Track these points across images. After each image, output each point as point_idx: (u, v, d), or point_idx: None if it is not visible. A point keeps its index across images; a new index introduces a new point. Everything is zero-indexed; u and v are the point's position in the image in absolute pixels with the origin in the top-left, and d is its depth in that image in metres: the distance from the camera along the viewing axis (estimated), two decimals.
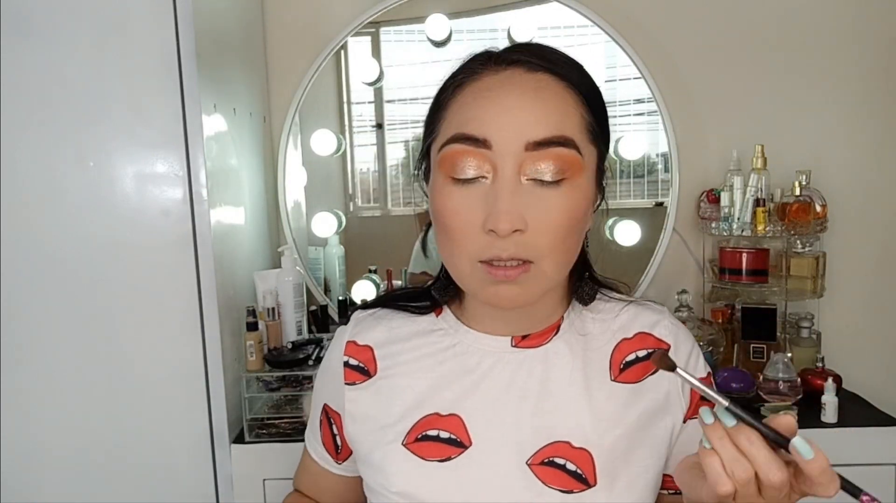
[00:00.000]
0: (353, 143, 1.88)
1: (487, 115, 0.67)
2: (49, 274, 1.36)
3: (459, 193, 0.69)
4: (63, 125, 1.33)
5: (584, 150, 0.69)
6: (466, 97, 0.70)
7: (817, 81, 1.79)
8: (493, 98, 0.68)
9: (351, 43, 1.82)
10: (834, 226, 1.72)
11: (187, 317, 1.37)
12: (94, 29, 1.31)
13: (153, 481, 1.40)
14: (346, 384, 0.83)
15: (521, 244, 0.67)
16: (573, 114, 0.69)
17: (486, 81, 0.69)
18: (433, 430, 0.77)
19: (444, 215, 0.70)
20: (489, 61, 0.71)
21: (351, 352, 0.84)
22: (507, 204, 0.66)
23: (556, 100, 0.68)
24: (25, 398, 1.38)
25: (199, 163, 1.34)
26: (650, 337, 0.80)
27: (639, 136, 1.80)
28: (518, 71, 0.69)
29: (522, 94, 0.67)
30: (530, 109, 0.67)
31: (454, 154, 0.68)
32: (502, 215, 0.65)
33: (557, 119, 0.67)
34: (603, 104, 0.74)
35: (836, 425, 1.44)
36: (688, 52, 1.79)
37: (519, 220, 0.66)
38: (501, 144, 0.67)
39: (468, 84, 0.70)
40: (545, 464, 0.74)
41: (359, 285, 1.81)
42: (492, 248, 0.67)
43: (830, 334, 1.76)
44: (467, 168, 0.68)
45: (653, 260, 1.79)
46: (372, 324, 0.85)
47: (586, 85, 0.71)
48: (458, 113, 0.70)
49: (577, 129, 0.69)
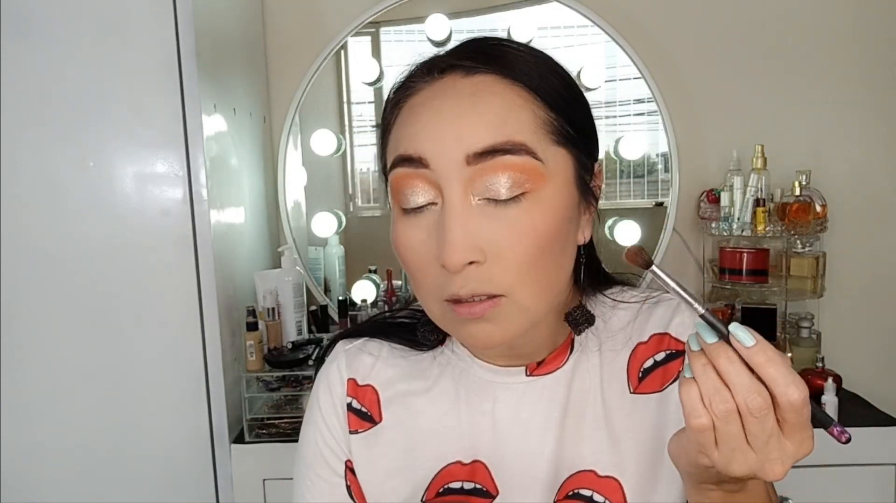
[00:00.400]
0: (353, 143, 1.88)
1: (420, 130, 0.59)
2: (49, 274, 1.36)
3: (411, 224, 0.60)
4: (63, 125, 1.33)
5: (547, 154, 0.58)
6: (403, 115, 0.61)
7: (817, 81, 1.79)
8: (426, 110, 0.59)
9: (351, 43, 1.82)
10: (834, 226, 1.72)
11: (187, 317, 1.37)
12: (94, 29, 1.31)
13: (153, 481, 1.40)
14: (351, 432, 0.73)
15: (480, 278, 0.57)
16: (522, 114, 0.58)
17: (422, 94, 0.61)
18: (456, 482, 0.69)
19: (400, 251, 0.62)
20: (426, 71, 0.62)
21: (353, 393, 0.73)
22: (456, 233, 0.56)
23: (497, 101, 0.58)
24: (25, 398, 1.38)
25: (199, 163, 1.34)
26: (666, 337, 0.70)
27: (639, 136, 1.80)
28: (454, 77, 0.60)
29: (457, 101, 0.58)
30: (466, 116, 0.57)
31: (396, 180, 0.60)
32: (449, 247, 0.56)
33: (500, 122, 0.57)
34: (576, 97, 0.63)
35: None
36: (688, 52, 1.79)
37: (472, 251, 0.56)
38: (439, 160, 0.57)
39: (405, 101, 0.62)
40: (570, 497, 0.67)
41: (359, 285, 1.81)
42: (450, 286, 0.58)
43: (830, 334, 1.76)
44: (412, 195, 0.59)
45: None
46: (369, 360, 0.74)
47: (544, 78, 0.60)
48: (395, 134, 0.62)
49: (530, 129, 0.58)
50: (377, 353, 0.75)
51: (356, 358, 0.75)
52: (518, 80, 0.59)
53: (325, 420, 0.74)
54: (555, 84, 0.61)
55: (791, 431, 0.49)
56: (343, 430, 0.73)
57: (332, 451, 0.73)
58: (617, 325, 0.71)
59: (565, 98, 0.61)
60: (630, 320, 0.72)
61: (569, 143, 0.61)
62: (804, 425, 0.49)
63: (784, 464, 0.50)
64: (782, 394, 0.47)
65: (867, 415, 1.51)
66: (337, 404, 0.74)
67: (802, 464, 1.61)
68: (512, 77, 0.59)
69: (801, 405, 0.48)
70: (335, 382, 0.74)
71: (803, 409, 0.48)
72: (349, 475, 0.73)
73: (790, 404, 0.47)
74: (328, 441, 0.73)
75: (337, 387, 0.74)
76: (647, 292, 0.74)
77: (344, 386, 0.73)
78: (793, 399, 0.47)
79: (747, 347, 0.48)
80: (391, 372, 0.74)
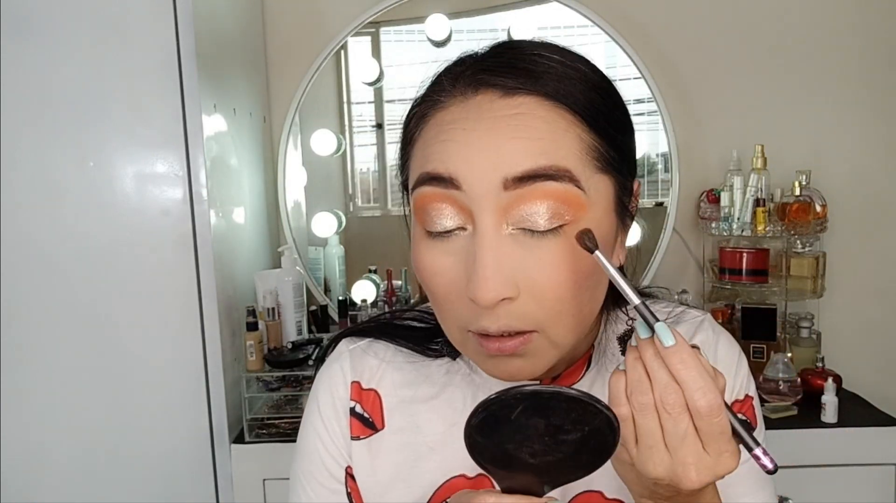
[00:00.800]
0: (353, 143, 1.88)
1: (452, 149, 0.53)
2: (49, 274, 1.36)
3: (437, 250, 0.55)
4: (63, 125, 1.33)
5: (589, 183, 0.54)
6: (430, 130, 0.56)
7: (817, 81, 1.79)
8: (458, 129, 0.54)
9: (351, 43, 1.82)
10: (834, 226, 1.72)
11: (187, 317, 1.37)
12: (94, 29, 1.31)
13: (153, 481, 1.40)
14: (353, 439, 0.69)
15: (513, 314, 0.53)
16: (567, 138, 0.53)
17: (452, 112, 0.55)
18: None
19: (424, 275, 0.57)
20: (456, 84, 0.56)
21: (357, 397, 0.69)
22: (489, 268, 0.52)
23: (540, 124, 0.53)
24: (26, 398, 1.38)
25: (199, 163, 1.34)
26: None
27: (639, 136, 1.79)
28: (490, 97, 0.54)
29: (494, 123, 0.53)
30: (506, 139, 0.52)
31: (423, 199, 0.55)
32: (481, 283, 0.51)
33: (543, 146, 0.52)
34: (622, 115, 0.58)
35: (836, 425, 1.44)
36: (688, 52, 1.79)
37: (506, 287, 0.52)
38: (473, 183, 0.52)
39: (432, 115, 0.56)
40: None
41: (359, 285, 1.81)
42: (479, 320, 0.54)
43: (830, 334, 1.76)
44: (440, 218, 0.54)
45: (653, 260, 1.79)
46: (374, 363, 0.70)
47: (590, 98, 0.55)
48: (422, 149, 0.57)
49: (575, 156, 0.53)
50: (382, 356, 0.71)
51: (361, 359, 0.71)
52: (563, 102, 0.53)
53: (325, 424, 0.70)
54: (601, 104, 0.55)
55: (707, 441, 0.48)
56: (344, 436, 0.69)
57: (332, 458, 0.70)
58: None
59: (611, 119, 0.56)
60: None
61: (612, 169, 0.56)
62: (718, 437, 0.48)
63: (700, 473, 0.48)
64: (690, 399, 0.47)
65: (867, 415, 1.51)
66: (339, 407, 0.70)
67: (802, 465, 1.61)
68: (556, 99, 0.53)
69: (707, 413, 0.47)
70: (338, 384, 0.70)
71: (713, 419, 0.47)
72: (349, 481, 0.70)
73: (697, 410, 0.47)
74: (328, 447, 0.70)
75: (340, 390, 0.70)
76: (673, 306, 0.71)
77: (347, 388, 0.69)
78: (699, 405, 0.47)
79: (665, 347, 0.48)
80: (397, 376, 0.70)
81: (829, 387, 1.45)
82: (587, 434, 0.46)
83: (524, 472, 0.48)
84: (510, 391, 0.45)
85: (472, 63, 0.57)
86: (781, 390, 1.50)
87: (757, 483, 0.67)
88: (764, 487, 0.67)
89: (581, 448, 0.46)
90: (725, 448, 0.48)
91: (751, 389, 0.68)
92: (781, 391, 1.50)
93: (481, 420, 0.46)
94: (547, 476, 0.48)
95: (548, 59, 0.55)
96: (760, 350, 1.65)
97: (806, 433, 1.43)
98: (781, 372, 1.51)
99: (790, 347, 1.67)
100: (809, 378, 1.55)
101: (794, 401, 1.50)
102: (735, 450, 0.49)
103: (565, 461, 0.47)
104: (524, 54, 0.55)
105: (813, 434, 1.43)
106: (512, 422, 0.45)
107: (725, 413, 0.48)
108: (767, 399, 1.51)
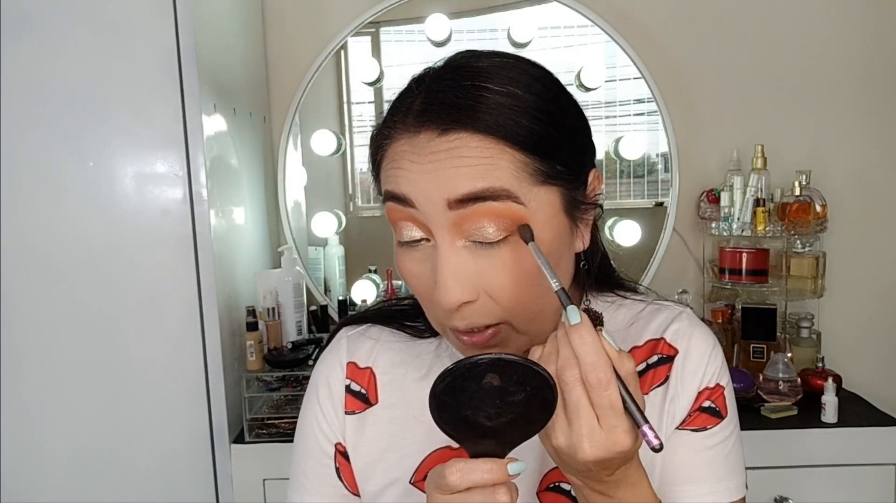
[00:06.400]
0: (353, 143, 1.88)
1: (403, 175, 0.60)
2: (49, 274, 1.36)
3: (410, 257, 0.63)
4: (63, 125, 1.33)
5: (529, 196, 0.58)
6: (387, 157, 0.62)
7: (817, 81, 1.79)
8: (406, 161, 0.60)
9: (351, 43, 1.82)
10: (834, 226, 1.72)
11: (187, 317, 1.37)
12: (94, 29, 1.31)
13: (153, 481, 1.40)
14: (346, 413, 0.75)
15: (476, 313, 0.60)
16: (502, 162, 0.57)
17: (401, 144, 0.60)
18: None
19: (404, 277, 0.65)
20: (405, 119, 0.61)
21: (352, 376, 0.76)
22: (448, 278, 0.58)
23: (475, 153, 0.57)
24: (26, 398, 1.38)
25: (199, 163, 1.34)
26: (661, 342, 0.71)
27: (639, 136, 1.80)
28: (429, 135, 0.58)
29: (433, 157, 0.58)
30: (445, 170, 0.57)
31: (391, 212, 0.62)
32: (442, 291, 0.58)
33: (479, 171, 0.57)
34: (560, 128, 0.61)
35: (836, 425, 1.44)
36: (688, 52, 1.79)
37: (464, 292, 0.59)
38: (423, 203, 0.59)
39: (388, 145, 0.62)
40: (551, 489, 0.69)
41: (359, 285, 1.81)
42: (450, 319, 0.61)
43: (830, 334, 1.76)
44: (405, 230, 0.61)
45: (653, 260, 1.79)
46: (369, 344, 0.77)
47: (520, 124, 0.58)
48: (384, 170, 0.63)
49: (511, 175, 0.57)
50: (377, 338, 0.77)
51: (357, 342, 0.77)
52: (492, 133, 0.57)
53: (320, 404, 0.76)
54: (535, 127, 0.59)
55: (600, 414, 0.53)
56: (337, 414, 0.75)
57: (324, 434, 0.76)
58: (614, 328, 0.72)
59: (547, 138, 0.59)
60: (629, 323, 0.73)
61: (553, 179, 0.60)
62: (608, 410, 0.52)
63: (593, 445, 0.53)
64: (583, 372, 0.52)
65: (867, 415, 1.51)
66: (334, 387, 0.76)
67: (802, 465, 1.61)
68: (488, 132, 0.57)
69: (596, 385, 0.52)
70: (334, 365, 0.76)
71: (602, 392, 0.52)
72: (339, 458, 0.75)
73: (589, 383, 0.52)
74: (321, 424, 0.76)
75: (336, 370, 0.76)
76: (651, 297, 0.75)
77: (343, 369, 0.76)
78: (590, 378, 0.52)
79: (570, 324, 0.53)
80: (391, 356, 0.76)
81: (829, 387, 1.46)
82: (530, 393, 0.52)
83: (485, 437, 0.54)
84: (458, 364, 0.51)
85: (419, 94, 0.61)
86: (781, 390, 1.50)
87: (724, 469, 0.69)
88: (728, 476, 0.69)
89: (528, 406, 0.52)
90: (617, 423, 0.52)
91: (723, 380, 0.72)
92: (781, 391, 1.50)
93: (440, 393, 0.52)
94: (504, 436, 0.54)
95: (484, 89, 0.59)
96: (760, 350, 1.65)
97: (806, 433, 1.43)
98: (781, 372, 1.51)
99: (790, 347, 1.68)
100: (809, 378, 1.55)
101: (794, 401, 1.50)
102: (629, 428, 0.53)
103: (517, 421, 0.53)
104: (460, 88, 0.59)
105: (813, 434, 1.43)
106: (465, 391, 0.52)
107: (618, 389, 0.52)
108: (767, 399, 1.51)
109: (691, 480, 0.68)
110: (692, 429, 0.69)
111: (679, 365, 0.70)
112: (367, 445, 0.74)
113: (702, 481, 0.68)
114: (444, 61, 0.64)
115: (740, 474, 0.70)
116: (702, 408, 0.69)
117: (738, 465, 0.70)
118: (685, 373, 0.69)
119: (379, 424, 0.74)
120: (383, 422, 0.74)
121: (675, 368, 0.70)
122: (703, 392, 0.69)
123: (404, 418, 0.73)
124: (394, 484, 0.72)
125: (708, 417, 0.69)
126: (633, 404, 0.52)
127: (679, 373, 0.70)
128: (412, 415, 0.73)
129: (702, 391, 0.69)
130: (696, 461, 0.68)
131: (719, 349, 0.72)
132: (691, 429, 0.69)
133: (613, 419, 0.52)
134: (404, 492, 0.71)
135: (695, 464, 0.68)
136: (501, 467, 0.53)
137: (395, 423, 0.73)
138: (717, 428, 0.69)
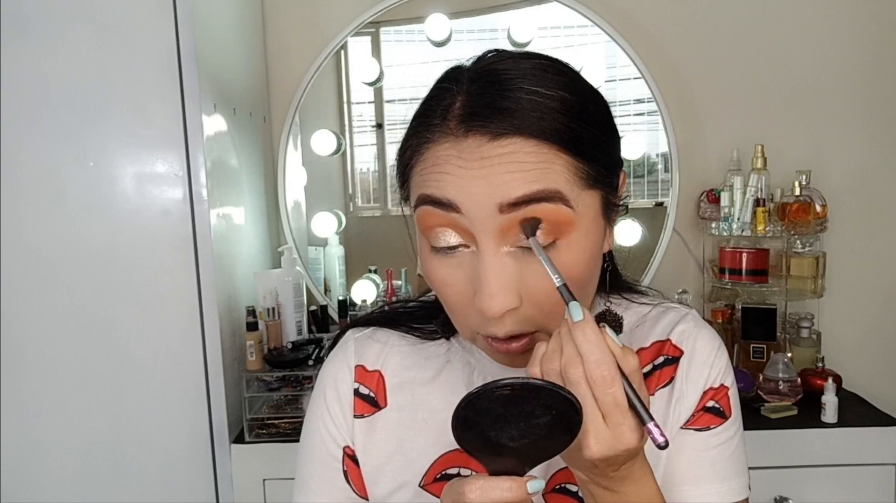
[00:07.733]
0: (353, 143, 1.88)
1: (450, 179, 0.58)
2: (49, 274, 1.36)
3: (445, 264, 0.61)
4: (63, 125, 1.33)
5: (579, 201, 0.58)
6: (427, 161, 0.60)
7: (817, 81, 1.79)
8: (453, 165, 0.58)
9: (351, 43, 1.82)
10: (834, 226, 1.72)
11: (187, 317, 1.37)
12: (94, 29, 1.31)
13: (153, 481, 1.40)
14: (355, 416, 0.74)
15: (518, 320, 0.60)
16: (556, 165, 0.57)
17: (445, 148, 0.58)
18: (453, 468, 0.71)
19: (435, 285, 0.63)
20: (446, 120, 0.59)
21: (361, 379, 0.75)
22: (493, 285, 0.57)
23: (528, 158, 0.57)
24: (26, 398, 1.38)
25: (199, 163, 1.34)
26: (667, 343, 0.72)
27: (639, 136, 1.80)
28: (478, 139, 0.57)
29: (487, 163, 0.56)
30: (497, 174, 0.56)
31: (426, 217, 0.60)
32: (487, 299, 0.57)
33: (535, 175, 0.56)
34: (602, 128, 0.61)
35: (836, 425, 1.44)
36: (688, 52, 1.79)
37: (510, 299, 0.58)
38: (471, 208, 0.57)
39: (427, 149, 0.60)
40: (557, 490, 0.70)
41: (359, 285, 1.81)
42: (488, 326, 0.60)
43: (830, 334, 1.76)
44: (443, 237, 0.59)
45: (653, 260, 1.79)
46: (377, 347, 0.76)
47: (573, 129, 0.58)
48: (420, 174, 0.60)
49: (564, 179, 0.57)
50: (386, 341, 0.76)
51: (365, 345, 0.76)
52: (546, 139, 0.57)
53: (328, 407, 0.75)
54: (581, 129, 0.58)
55: (605, 412, 0.52)
56: (346, 417, 0.74)
57: (331, 437, 0.75)
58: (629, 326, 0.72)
59: (593, 139, 0.59)
60: (636, 324, 0.73)
61: (597, 182, 0.60)
62: (613, 408, 0.52)
63: (599, 442, 0.52)
64: (587, 370, 0.52)
65: (867, 415, 1.51)
66: (342, 391, 0.75)
67: (802, 465, 1.61)
68: (540, 137, 0.56)
69: (601, 383, 0.52)
70: (342, 368, 0.76)
71: (606, 390, 0.52)
72: (347, 461, 0.75)
73: (593, 380, 0.52)
74: (329, 427, 0.75)
75: (344, 374, 0.75)
76: (659, 300, 0.76)
77: (351, 372, 0.75)
78: (594, 375, 0.51)
79: (573, 321, 0.53)
80: (399, 359, 0.75)
81: (829, 387, 1.46)
82: (555, 416, 0.51)
83: (506, 456, 0.53)
84: (486, 387, 0.50)
85: (458, 96, 0.59)
86: (781, 390, 1.50)
87: (727, 470, 0.69)
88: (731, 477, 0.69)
89: (552, 429, 0.52)
90: (622, 421, 0.52)
91: (727, 380, 0.71)
92: (781, 391, 1.50)
93: (465, 414, 0.51)
94: (526, 457, 0.53)
95: (528, 91, 0.57)
96: (760, 350, 1.65)
97: (806, 433, 1.43)
98: (781, 372, 1.51)
99: (790, 347, 1.68)
100: (809, 378, 1.55)
101: (794, 401, 1.50)
102: (634, 426, 0.52)
103: (540, 442, 0.52)
104: (507, 90, 0.58)
105: (813, 434, 1.43)
106: (491, 413, 0.51)
107: (622, 387, 0.52)
108: (767, 399, 1.51)
109: (694, 480, 0.68)
110: (696, 428, 0.69)
111: (684, 365, 0.70)
112: (377, 449, 0.73)
113: (705, 481, 0.68)
114: (477, 60, 0.62)
115: (743, 475, 0.70)
116: (706, 408, 0.70)
117: (741, 466, 0.70)
118: (690, 373, 0.70)
119: (388, 428, 0.73)
120: (392, 425, 0.73)
121: (681, 369, 0.70)
122: (707, 392, 0.70)
123: (413, 421, 0.73)
124: (403, 487, 0.72)
125: (712, 417, 0.69)
126: (637, 401, 0.52)
127: (684, 373, 0.70)
128: (421, 419, 0.73)
129: (706, 391, 0.70)
130: (699, 461, 0.69)
131: (724, 350, 0.72)
132: (695, 429, 0.69)
133: (618, 416, 0.52)
134: (414, 495, 0.71)
135: (698, 463, 0.68)
136: (521, 485, 0.52)
137: (404, 427, 0.73)
138: (720, 428, 0.69)
